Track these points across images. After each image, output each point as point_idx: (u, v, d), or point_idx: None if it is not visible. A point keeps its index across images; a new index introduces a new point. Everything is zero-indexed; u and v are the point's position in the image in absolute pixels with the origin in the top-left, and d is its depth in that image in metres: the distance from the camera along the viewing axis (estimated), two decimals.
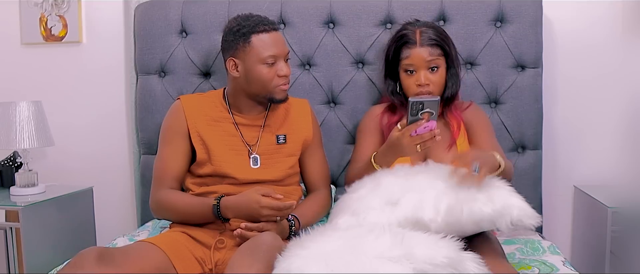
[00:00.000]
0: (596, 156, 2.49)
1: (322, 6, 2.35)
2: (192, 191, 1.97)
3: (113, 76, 2.63)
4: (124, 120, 2.64)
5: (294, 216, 1.89)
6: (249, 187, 1.90)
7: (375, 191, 1.70)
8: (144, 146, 2.42)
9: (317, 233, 1.48)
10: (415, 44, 1.97)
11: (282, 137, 2.01)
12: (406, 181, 1.67)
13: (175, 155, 1.96)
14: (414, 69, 1.98)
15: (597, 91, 2.46)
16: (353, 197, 1.74)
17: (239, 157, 1.96)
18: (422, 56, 1.96)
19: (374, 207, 1.65)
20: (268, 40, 1.89)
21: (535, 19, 2.28)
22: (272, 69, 1.90)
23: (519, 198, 1.64)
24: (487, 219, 1.57)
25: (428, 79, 1.98)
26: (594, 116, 2.47)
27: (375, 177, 1.77)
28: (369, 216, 1.63)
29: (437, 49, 1.98)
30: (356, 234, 1.40)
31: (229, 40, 1.93)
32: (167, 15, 2.38)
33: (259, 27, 1.89)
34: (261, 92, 1.93)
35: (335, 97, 2.36)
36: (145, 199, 2.40)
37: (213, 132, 1.97)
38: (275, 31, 1.92)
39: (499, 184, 1.67)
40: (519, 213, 1.58)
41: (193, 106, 2.00)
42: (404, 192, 1.64)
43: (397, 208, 1.62)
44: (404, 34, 2.00)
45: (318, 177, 2.09)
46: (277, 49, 1.90)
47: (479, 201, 1.57)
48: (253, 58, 1.89)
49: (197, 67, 2.38)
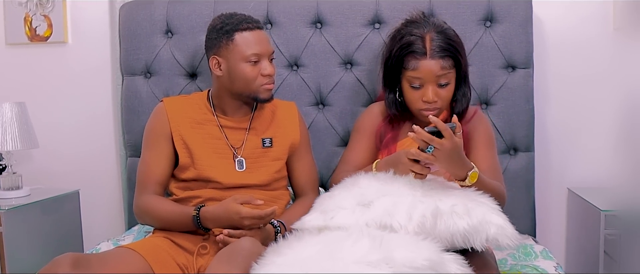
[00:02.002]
0: (589, 157, 2.45)
1: (309, 6, 2.31)
2: (176, 196, 1.93)
3: (99, 76, 2.59)
4: (111, 122, 2.61)
5: (279, 221, 1.84)
6: (234, 192, 1.87)
7: (350, 191, 1.63)
8: (130, 148, 2.39)
9: (294, 238, 1.44)
10: (425, 55, 1.74)
11: (268, 141, 1.96)
12: (384, 185, 1.61)
13: (159, 159, 1.92)
14: (420, 84, 1.78)
15: (589, 90, 2.42)
16: (326, 196, 1.68)
17: (224, 161, 1.92)
18: (432, 70, 1.74)
19: (345, 207, 1.57)
20: (252, 38, 1.86)
21: (525, 18, 2.24)
22: (255, 68, 1.87)
23: (501, 217, 1.55)
24: (461, 234, 1.48)
25: (437, 95, 1.77)
26: (587, 116, 2.44)
27: (354, 177, 1.70)
28: (337, 216, 1.55)
29: (449, 61, 1.75)
30: (333, 238, 1.36)
31: (212, 38, 1.90)
32: (152, 15, 2.34)
33: (243, 25, 1.86)
34: (245, 92, 1.89)
35: (323, 99, 2.33)
36: (132, 201, 2.36)
37: (197, 135, 1.93)
38: (259, 29, 1.89)
39: (484, 200, 1.58)
40: (497, 231, 1.50)
41: (176, 109, 1.96)
42: (379, 196, 1.56)
43: (368, 210, 1.54)
44: (411, 41, 1.76)
45: (306, 181, 2.04)
46: (261, 47, 1.87)
47: (456, 214, 1.49)
48: (236, 56, 1.86)
49: (183, 68, 2.34)
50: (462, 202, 1.52)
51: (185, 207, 1.83)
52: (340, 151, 2.30)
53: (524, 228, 2.22)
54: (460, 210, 1.50)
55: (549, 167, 2.46)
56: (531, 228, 2.30)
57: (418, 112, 1.84)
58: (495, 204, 1.59)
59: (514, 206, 2.13)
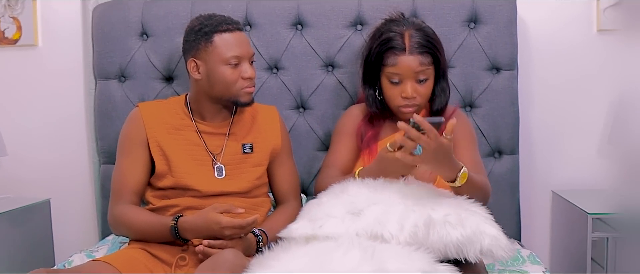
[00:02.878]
0: (573, 160, 2.44)
1: (290, 7, 2.25)
2: (152, 205, 1.85)
3: (71, 80, 2.50)
4: (83, 127, 2.51)
5: (261, 230, 1.77)
6: (213, 200, 1.79)
7: (339, 199, 1.57)
8: (103, 155, 2.30)
9: (281, 249, 1.37)
10: (404, 51, 1.76)
11: (249, 147, 1.89)
12: (374, 193, 1.55)
13: (134, 167, 1.84)
14: (400, 80, 1.79)
15: (573, 92, 2.41)
16: (314, 203, 1.61)
17: (202, 168, 1.84)
18: (410, 66, 1.75)
19: (335, 215, 1.51)
20: (231, 40, 1.79)
21: (509, 19, 2.21)
22: (235, 71, 1.80)
23: (494, 227, 1.51)
24: (454, 244, 1.43)
25: (415, 92, 1.78)
26: (570, 119, 2.42)
27: (342, 184, 1.64)
28: (326, 225, 1.49)
29: (428, 57, 1.77)
30: (322, 249, 1.30)
31: (190, 40, 1.83)
32: (127, 17, 2.26)
33: (222, 27, 1.79)
34: (225, 95, 1.82)
35: (304, 102, 2.26)
36: (105, 211, 2.26)
37: (174, 142, 1.85)
38: (239, 31, 1.83)
39: (477, 209, 1.54)
40: (491, 242, 1.46)
41: (152, 114, 1.88)
42: (369, 204, 1.51)
43: (359, 218, 1.48)
44: (390, 37, 1.78)
45: (288, 188, 1.97)
46: (241, 49, 1.80)
47: (449, 224, 1.44)
48: (215, 58, 1.78)
49: (159, 72, 2.26)
50: (455, 212, 1.47)
51: (162, 217, 1.75)
52: (322, 156, 2.25)
53: (509, 231, 2.15)
54: (453, 220, 1.45)
55: (533, 170, 2.44)
56: (516, 231, 2.27)
57: (397, 109, 1.84)
58: (488, 213, 1.55)
59: (499, 209, 2.08)
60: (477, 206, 1.56)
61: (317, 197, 1.68)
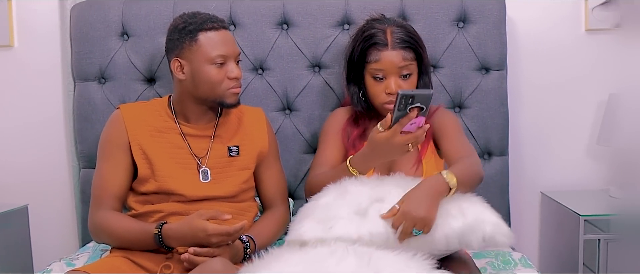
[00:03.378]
0: (562, 160, 2.42)
1: (275, 6, 2.20)
2: (135, 210, 1.78)
3: (48, 82, 2.42)
4: (62, 131, 2.43)
5: (248, 236, 1.72)
6: (198, 205, 1.73)
7: (343, 199, 1.53)
8: (83, 159, 2.23)
9: (273, 257, 1.32)
10: (386, 47, 1.76)
11: (235, 149, 1.84)
12: (374, 190, 1.52)
13: (116, 171, 1.77)
14: (383, 76, 1.78)
15: (562, 92, 2.39)
16: (318, 204, 1.56)
17: (187, 172, 1.78)
18: (393, 61, 1.75)
19: (342, 216, 1.48)
20: (217, 38, 1.74)
21: (499, 19, 2.18)
22: (221, 71, 1.74)
23: (493, 214, 1.51)
24: (457, 234, 1.43)
25: (399, 87, 1.76)
26: (559, 119, 2.41)
27: (341, 185, 1.60)
28: (336, 226, 1.46)
29: (410, 53, 1.77)
30: (316, 257, 1.25)
31: (173, 39, 1.77)
32: (106, 17, 2.19)
33: (207, 25, 1.74)
34: (210, 96, 1.77)
35: (290, 104, 2.21)
36: (86, 217, 2.19)
37: (157, 145, 1.79)
38: (224, 29, 1.77)
39: (474, 198, 1.53)
40: (493, 229, 1.46)
41: (134, 116, 1.82)
42: (372, 202, 1.48)
43: (366, 219, 1.46)
44: (373, 33, 1.78)
45: (275, 192, 1.92)
46: (227, 48, 1.75)
47: (449, 215, 1.43)
48: (200, 58, 1.73)
49: (140, 73, 2.20)
50: (454, 202, 1.46)
51: (145, 224, 1.69)
52: (309, 159, 2.21)
53: None
54: (453, 210, 1.44)
55: (521, 171, 2.42)
56: None
57: (381, 106, 1.82)
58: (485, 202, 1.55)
59: None
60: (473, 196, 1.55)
61: (315, 198, 1.63)
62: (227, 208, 1.76)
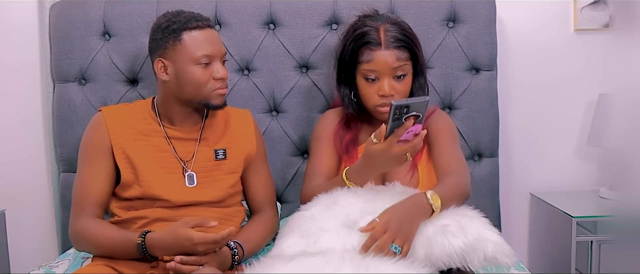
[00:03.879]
0: (551, 161, 2.41)
1: (262, 5, 2.15)
2: (118, 217, 1.72)
3: (26, 83, 2.33)
4: (40, 134, 2.35)
5: (236, 242, 1.66)
6: (184, 210, 1.68)
7: (331, 211, 1.47)
8: (63, 163, 2.16)
9: (263, 265, 1.27)
10: (379, 46, 1.66)
11: (222, 152, 1.77)
12: (367, 203, 1.46)
13: (97, 176, 1.70)
14: (376, 77, 1.69)
15: (551, 93, 2.38)
16: (304, 216, 1.50)
17: (172, 176, 1.72)
18: (387, 61, 1.66)
19: (328, 229, 1.42)
20: (202, 38, 1.67)
21: (489, 19, 2.16)
22: (206, 71, 1.68)
23: (494, 232, 1.46)
24: (458, 253, 1.37)
25: (393, 89, 1.68)
26: (549, 120, 2.39)
27: (332, 195, 1.54)
28: (321, 240, 1.40)
29: (405, 52, 1.67)
30: (311, 266, 1.20)
31: (157, 39, 1.70)
32: (87, 16, 2.12)
33: (192, 24, 1.67)
34: (195, 98, 1.70)
35: (277, 105, 2.16)
36: (66, 223, 2.12)
37: (141, 148, 1.72)
38: (209, 28, 1.70)
39: (472, 213, 1.48)
40: (494, 248, 1.41)
41: (117, 119, 1.75)
42: (363, 215, 1.42)
43: (355, 232, 1.40)
44: (365, 32, 1.69)
45: (263, 196, 1.86)
46: (212, 48, 1.68)
47: (448, 232, 1.38)
48: (185, 58, 1.66)
49: (123, 74, 2.13)
50: (453, 219, 1.41)
51: (128, 233, 1.62)
52: (296, 161, 2.17)
53: None
54: (453, 228, 1.38)
55: (511, 172, 2.40)
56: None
57: (374, 109, 1.74)
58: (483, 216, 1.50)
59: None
60: (471, 210, 1.50)
61: (303, 208, 1.57)
62: (214, 214, 1.71)
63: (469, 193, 1.64)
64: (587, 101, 2.37)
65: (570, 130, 2.39)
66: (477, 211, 1.53)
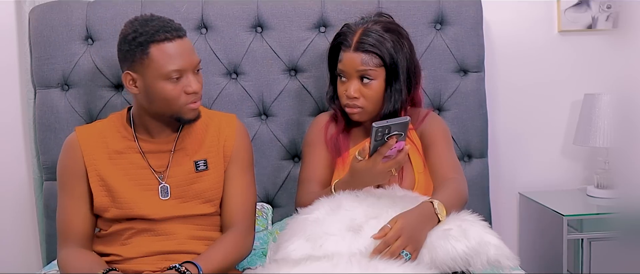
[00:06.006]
0: (538, 161, 2.43)
1: (249, 8, 2.12)
2: (104, 230, 1.67)
3: (6, 90, 2.27)
4: (21, 141, 2.29)
5: (193, 263, 1.54)
6: (167, 224, 1.63)
7: (335, 215, 1.46)
8: (46, 171, 2.10)
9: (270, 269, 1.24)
10: (349, 48, 1.70)
11: (202, 163, 1.66)
12: (370, 207, 1.46)
13: (78, 206, 1.64)
14: (346, 78, 1.73)
15: (536, 93, 2.40)
16: (308, 220, 1.48)
17: (148, 193, 1.63)
18: (352, 63, 1.69)
19: (333, 233, 1.41)
20: (171, 51, 1.54)
21: (476, 20, 2.17)
22: (177, 86, 1.56)
23: (494, 235, 1.48)
24: (462, 257, 1.39)
25: (358, 92, 1.70)
26: (535, 120, 2.41)
27: (335, 199, 1.54)
28: (327, 244, 1.39)
29: (376, 58, 1.68)
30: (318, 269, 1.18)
31: (123, 50, 1.58)
32: (69, 19, 2.07)
33: (159, 36, 1.54)
34: (166, 112, 1.61)
35: (266, 109, 2.14)
36: (50, 232, 2.09)
37: (116, 168, 1.64)
38: (180, 39, 1.57)
39: (471, 218, 1.50)
40: (496, 252, 1.43)
41: (91, 139, 1.66)
42: (367, 219, 1.42)
43: (360, 236, 1.40)
44: (342, 32, 1.75)
45: (236, 209, 1.68)
46: (183, 61, 1.56)
47: (452, 237, 1.39)
48: (154, 73, 1.55)
49: (107, 78, 2.09)
50: (454, 224, 1.43)
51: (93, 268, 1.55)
52: (287, 165, 2.14)
53: None
54: (455, 232, 1.40)
55: (499, 172, 2.41)
56: None
57: (344, 108, 1.77)
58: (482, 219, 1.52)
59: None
60: (469, 214, 1.52)
61: (306, 211, 1.55)
62: (198, 226, 1.66)
63: (467, 198, 1.66)
64: (572, 101, 2.40)
65: (557, 130, 2.42)
66: (476, 214, 1.54)
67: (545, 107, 2.40)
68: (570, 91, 2.39)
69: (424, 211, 1.49)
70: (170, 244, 1.63)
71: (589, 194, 2.29)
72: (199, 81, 1.61)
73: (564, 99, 2.40)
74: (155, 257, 1.62)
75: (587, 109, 2.25)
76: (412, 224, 1.43)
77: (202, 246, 1.64)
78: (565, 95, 2.40)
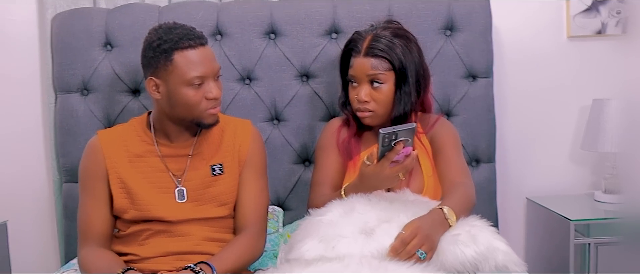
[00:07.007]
0: (546, 166, 2.45)
1: (263, 15, 2.17)
2: (122, 231, 1.73)
3: (27, 94, 2.34)
4: (41, 144, 2.36)
5: (207, 263, 1.60)
6: (183, 226, 1.68)
7: (349, 218, 1.51)
8: (66, 173, 2.16)
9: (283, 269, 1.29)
10: (359, 53, 1.76)
11: (218, 168, 1.73)
12: (383, 211, 1.51)
13: (98, 206, 1.70)
14: (356, 83, 1.79)
15: (545, 99, 2.43)
16: (322, 222, 1.53)
17: (166, 196, 1.69)
18: (363, 68, 1.75)
19: (346, 235, 1.46)
20: (194, 58, 1.62)
21: (485, 26, 2.20)
22: (199, 92, 1.64)
23: (503, 241, 1.52)
24: (471, 262, 1.44)
25: (368, 96, 1.76)
26: (543, 125, 2.44)
27: (349, 202, 1.58)
28: (339, 245, 1.44)
29: (385, 63, 1.74)
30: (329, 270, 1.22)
31: (148, 57, 1.65)
32: (89, 26, 2.14)
33: (183, 43, 1.61)
34: (187, 117, 1.68)
35: (279, 114, 2.19)
36: (69, 233, 2.15)
37: (136, 171, 1.70)
38: (202, 47, 1.64)
39: (480, 223, 1.54)
40: (504, 258, 1.47)
41: (112, 143, 1.73)
42: (380, 223, 1.47)
43: (373, 239, 1.44)
44: (352, 39, 1.81)
45: (249, 212, 1.73)
46: (205, 68, 1.63)
47: (461, 243, 1.44)
48: (176, 79, 1.62)
49: (125, 84, 2.15)
50: (462, 229, 1.47)
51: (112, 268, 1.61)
52: (298, 169, 2.19)
53: None
54: (463, 237, 1.44)
55: (507, 177, 2.43)
56: None
57: (355, 113, 1.83)
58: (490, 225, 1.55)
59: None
60: (478, 219, 1.56)
61: (320, 213, 1.60)
62: (208, 230, 1.71)
63: (475, 202, 1.71)
64: (581, 106, 2.42)
65: (565, 135, 2.44)
66: (484, 220, 1.58)
67: (554, 112, 2.43)
68: (579, 96, 2.41)
69: (435, 217, 1.54)
70: (185, 245, 1.68)
71: (597, 199, 2.31)
72: (219, 87, 1.68)
73: (572, 104, 2.42)
74: (171, 257, 1.68)
75: (595, 114, 2.27)
76: (428, 226, 1.49)
77: (216, 247, 1.69)
78: (574, 100, 2.42)
